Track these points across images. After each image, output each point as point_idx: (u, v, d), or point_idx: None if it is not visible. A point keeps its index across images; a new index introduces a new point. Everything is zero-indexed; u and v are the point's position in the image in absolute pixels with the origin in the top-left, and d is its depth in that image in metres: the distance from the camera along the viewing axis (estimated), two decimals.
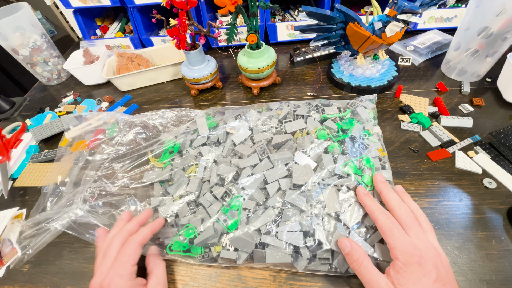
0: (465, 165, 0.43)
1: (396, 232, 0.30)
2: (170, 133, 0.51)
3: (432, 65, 0.62)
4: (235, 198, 0.39)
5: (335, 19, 0.51)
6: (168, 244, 0.38)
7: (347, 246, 0.32)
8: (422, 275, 0.28)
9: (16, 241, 0.43)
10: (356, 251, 0.31)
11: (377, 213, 0.33)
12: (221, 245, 0.37)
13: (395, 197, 0.34)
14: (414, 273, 0.28)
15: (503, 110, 0.50)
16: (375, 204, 0.34)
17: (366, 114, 0.47)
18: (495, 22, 0.46)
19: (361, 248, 0.32)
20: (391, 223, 0.31)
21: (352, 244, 0.32)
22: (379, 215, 0.33)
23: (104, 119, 0.56)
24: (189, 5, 0.48)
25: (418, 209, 0.34)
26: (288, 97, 0.60)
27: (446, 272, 0.29)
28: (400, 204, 0.33)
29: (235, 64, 0.74)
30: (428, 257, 0.29)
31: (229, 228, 0.37)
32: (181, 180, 0.43)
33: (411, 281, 0.27)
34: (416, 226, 0.31)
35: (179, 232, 0.38)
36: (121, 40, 0.82)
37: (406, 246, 0.29)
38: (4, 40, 0.67)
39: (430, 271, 0.28)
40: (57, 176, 0.49)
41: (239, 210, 0.38)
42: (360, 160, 0.40)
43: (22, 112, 0.72)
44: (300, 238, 0.34)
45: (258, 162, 0.42)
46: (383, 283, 0.28)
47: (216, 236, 0.37)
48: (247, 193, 0.39)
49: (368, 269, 0.30)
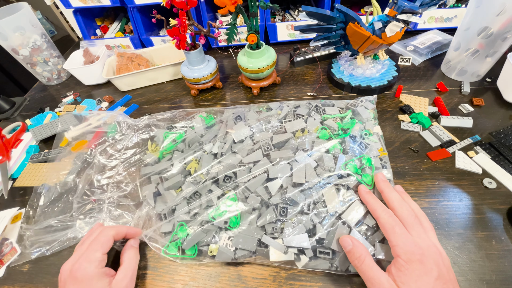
0: (465, 165, 0.43)
1: (398, 230, 0.31)
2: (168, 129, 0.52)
3: (432, 65, 0.62)
4: (230, 194, 0.39)
5: (335, 19, 0.51)
6: (164, 246, 0.38)
7: (349, 243, 0.32)
8: (423, 273, 0.28)
9: (16, 241, 0.43)
10: (358, 249, 0.31)
11: (379, 211, 0.33)
12: (217, 246, 0.37)
13: (396, 196, 0.34)
14: (416, 271, 0.28)
15: (503, 110, 0.50)
16: (377, 202, 0.34)
17: (367, 114, 0.47)
18: (495, 22, 0.46)
19: (363, 245, 0.32)
20: (393, 221, 0.32)
21: (354, 241, 0.32)
22: (381, 213, 0.33)
23: (104, 119, 0.57)
24: (189, 5, 0.48)
25: (418, 209, 0.34)
26: (288, 97, 0.60)
27: (447, 270, 0.29)
28: (401, 203, 0.33)
29: (235, 64, 0.74)
30: (429, 255, 0.29)
31: (231, 226, 0.37)
32: (178, 179, 0.44)
33: (412, 278, 0.27)
34: (418, 225, 0.31)
35: (173, 233, 0.38)
36: (121, 40, 0.82)
37: (408, 244, 0.29)
38: (4, 40, 0.67)
39: (432, 269, 0.28)
40: (57, 176, 0.49)
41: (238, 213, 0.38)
42: (361, 159, 0.40)
43: (22, 112, 0.72)
44: (306, 239, 0.35)
45: (261, 158, 0.42)
46: (384, 281, 0.28)
47: (210, 236, 0.37)
48: (247, 190, 0.39)
49: (370, 266, 0.30)
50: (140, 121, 0.55)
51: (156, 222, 0.41)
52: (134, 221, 0.41)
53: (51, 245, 0.41)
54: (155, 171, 0.45)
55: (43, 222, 0.43)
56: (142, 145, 0.51)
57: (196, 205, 0.40)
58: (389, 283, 0.28)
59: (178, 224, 0.39)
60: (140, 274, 0.38)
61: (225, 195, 0.40)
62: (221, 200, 0.39)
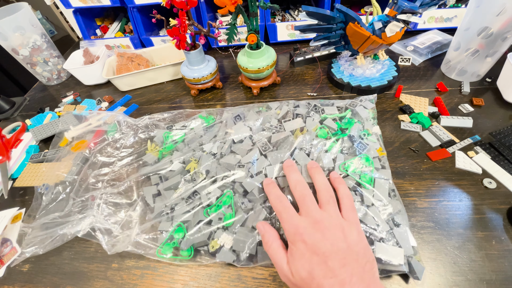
0: (465, 165, 0.43)
1: (284, 215, 0.32)
2: (167, 129, 0.52)
3: (432, 65, 0.62)
4: (226, 193, 0.40)
5: (335, 19, 0.51)
6: (158, 246, 0.38)
7: (261, 229, 0.34)
8: (306, 250, 0.29)
9: (16, 241, 0.43)
10: (267, 233, 0.33)
11: (271, 199, 0.35)
12: (216, 245, 0.37)
13: (319, 178, 0.35)
14: (299, 250, 0.29)
15: (503, 110, 0.50)
16: (273, 191, 0.35)
17: (366, 113, 0.47)
18: (495, 22, 0.46)
19: (273, 231, 0.33)
20: (281, 207, 0.33)
21: (265, 227, 0.34)
22: (273, 201, 0.34)
23: (104, 119, 0.57)
24: (189, 5, 0.48)
25: (344, 191, 0.35)
26: (288, 97, 0.60)
27: (347, 246, 0.29)
28: (321, 185, 0.34)
29: (235, 64, 0.74)
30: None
31: (227, 224, 0.37)
32: (176, 179, 0.44)
33: (296, 257, 0.29)
34: (328, 204, 0.32)
35: (170, 233, 0.38)
36: (121, 40, 0.82)
37: (291, 226, 0.31)
38: (4, 40, 0.67)
39: (317, 246, 0.29)
40: (57, 176, 0.49)
41: (232, 205, 0.38)
42: (359, 159, 0.40)
43: (22, 112, 0.72)
44: None
45: (258, 157, 0.42)
46: (283, 264, 0.30)
47: (205, 237, 0.37)
48: (244, 189, 0.39)
49: (276, 251, 0.31)
50: (140, 121, 0.55)
51: (154, 222, 0.41)
52: (133, 220, 0.41)
53: (44, 243, 0.41)
54: (154, 171, 0.45)
55: (41, 221, 0.43)
56: (142, 145, 0.51)
57: (194, 205, 0.40)
58: (287, 266, 0.30)
59: (176, 225, 0.39)
60: (140, 274, 0.38)
61: (223, 195, 0.40)
62: (218, 200, 0.39)
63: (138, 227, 0.40)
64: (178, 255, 0.37)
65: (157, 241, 0.39)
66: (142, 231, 0.40)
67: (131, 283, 0.38)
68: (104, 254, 0.40)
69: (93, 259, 0.41)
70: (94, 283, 0.38)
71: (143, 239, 0.39)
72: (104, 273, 0.39)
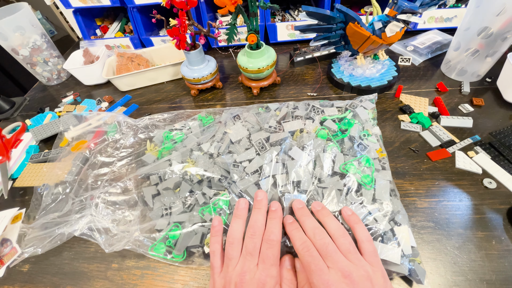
0: (465, 165, 0.43)
1: (313, 267, 0.30)
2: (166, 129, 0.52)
3: (432, 65, 0.62)
4: (223, 195, 0.39)
5: (335, 19, 0.51)
6: (150, 245, 0.38)
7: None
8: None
9: (16, 241, 0.43)
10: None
11: (296, 245, 0.32)
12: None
13: (332, 225, 0.33)
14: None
15: (503, 110, 0.50)
16: (299, 234, 0.33)
17: (366, 114, 0.47)
18: (495, 22, 0.46)
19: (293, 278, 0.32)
20: (310, 257, 0.30)
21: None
22: (300, 248, 0.32)
23: (104, 119, 0.57)
24: (189, 5, 0.48)
25: (363, 233, 0.33)
26: (288, 97, 0.60)
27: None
28: (336, 232, 0.32)
29: (235, 64, 0.74)
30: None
31: None
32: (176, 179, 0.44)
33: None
34: (352, 253, 0.31)
35: (165, 233, 0.38)
36: (121, 40, 0.82)
37: (322, 282, 0.28)
38: (4, 40, 0.67)
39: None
40: (57, 176, 0.49)
41: (226, 206, 0.38)
42: (359, 160, 0.40)
43: (22, 112, 0.72)
44: None
45: (254, 157, 0.42)
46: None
47: (197, 240, 0.37)
48: (239, 189, 0.39)
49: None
50: (140, 121, 0.55)
51: (152, 221, 0.40)
52: (133, 219, 0.41)
53: (43, 243, 0.41)
54: (153, 171, 0.45)
55: (41, 221, 0.43)
56: (142, 145, 0.51)
57: (190, 205, 0.40)
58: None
59: (173, 225, 0.39)
60: (140, 274, 0.38)
61: (219, 194, 0.40)
62: (214, 200, 0.39)
63: (137, 226, 0.40)
64: (171, 255, 0.37)
65: (155, 240, 0.39)
66: (141, 230, 0.39)
67: (131, 283, 0.38)
68: (104, 254, 0.41)
69: (93, 259, 0.41)
70: (94, 283, 0.38)
71: (142, 238, 0.39)
72: (104, 273, 0.39)
